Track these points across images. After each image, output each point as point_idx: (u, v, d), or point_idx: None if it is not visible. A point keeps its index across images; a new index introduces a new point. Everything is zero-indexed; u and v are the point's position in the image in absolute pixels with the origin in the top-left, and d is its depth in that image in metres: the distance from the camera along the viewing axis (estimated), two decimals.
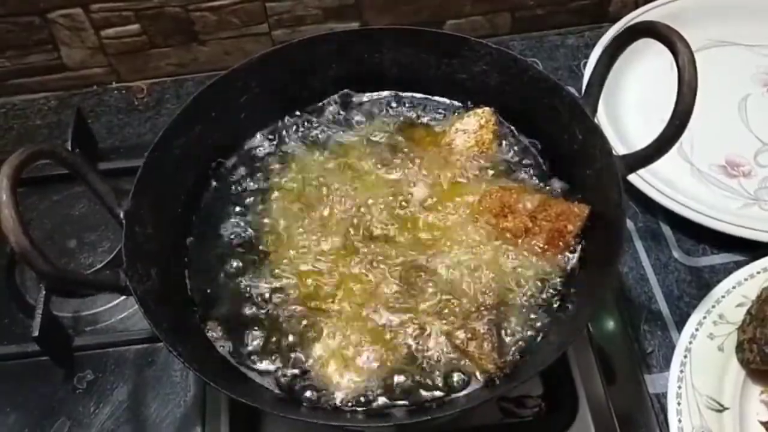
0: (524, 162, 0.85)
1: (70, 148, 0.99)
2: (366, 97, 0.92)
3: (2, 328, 0.94)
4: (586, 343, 0.86)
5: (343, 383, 0.71)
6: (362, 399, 0.70)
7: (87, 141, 1.07)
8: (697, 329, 0.86)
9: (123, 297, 0.96)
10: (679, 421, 0.80)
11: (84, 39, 1.14)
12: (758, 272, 0.89)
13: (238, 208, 0.84)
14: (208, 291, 0.78)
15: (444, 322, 0.73)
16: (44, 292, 0.86)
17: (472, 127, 0.86)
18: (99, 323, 0.95)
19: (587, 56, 1.18)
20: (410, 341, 0.72)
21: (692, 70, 0.67)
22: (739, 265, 0.92)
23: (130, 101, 1.21)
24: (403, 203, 0.82)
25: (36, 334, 0.83)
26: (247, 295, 0.77)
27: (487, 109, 0.87)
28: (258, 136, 0.89)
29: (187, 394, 0.88)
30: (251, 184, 0.86)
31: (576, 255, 0.77)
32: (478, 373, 0.70)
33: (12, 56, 1.15)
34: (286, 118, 0.90)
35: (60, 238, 1.00)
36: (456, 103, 0.91)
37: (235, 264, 0.79)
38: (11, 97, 1.21)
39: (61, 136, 1.10)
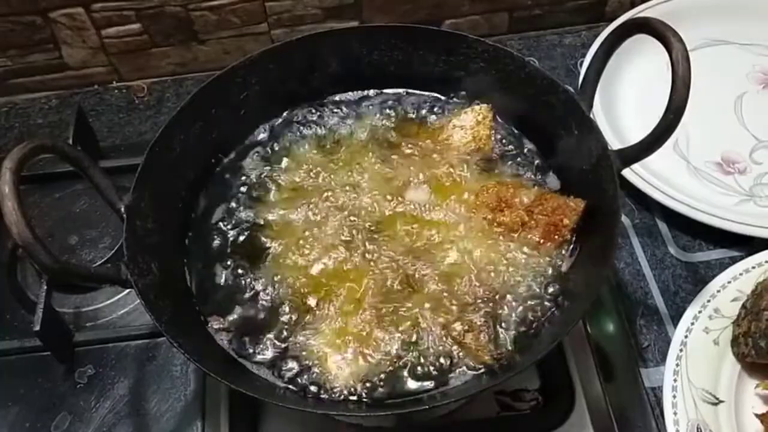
0: (521, 157, 0.86)
1: None
2: (364, 93, 0.93)
3: (4, 324, 0.95)
4: (583, 337, 0.87)
5: (342, 375, 0.71)
6: (361, 390, 0.71)
7: (88, 139, 1.08)
8: (692, 323, 0.87)
9: (123, 293, 0.96)
10: (675, 414, 0.81)
11: (85, 38, 1.15)
12: (753, 267, 0.90)
13: (237, 204, 0.84)
14: (209, 285, 0.79)
15: (441, 314, 0.74)
16: (45, 288, 0.86)
17: (469, 123, 0.87)
18: (100, 319, 0.96)
19: (584, 55, 1.18)
20: (407, 333, 0.73)
21: (686, 65, 0.68)
22: (734, 261, 0.93)
23: (131, 100, 1.22)
24: (401, 198, 0.83)
25: (37, 328, 0.84)
26: (246, 288, 0.78)
27: (484, 105, 0.88)
28: (257, 132, 0.90)
29: (187, 389, 0.89)
30: (251, 179, 0.86)
31: (572, 248, 0.78)
32: (474, 365, 0.71)
33: (13, 55, 1.16)
34: (286, 114, 0.91)
35: (61, 235, 1.01)
36: (453, 99, 0.92)
37: (235, 258, 0.80)
38: (13, 96, 1.22)
39: (63, 135, 1.11)
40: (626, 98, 1.13)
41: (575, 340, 0.87)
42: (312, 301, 0.76)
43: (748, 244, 0.96)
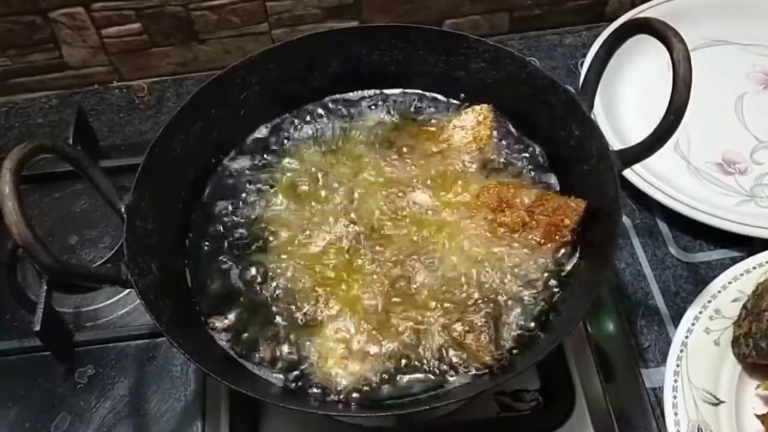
0: (521, 158, 0.86)
1: None
2: (364, 93, 0.93)
3: (4, 324, 0.95)
4: (584, 338, 0.87)
5: (342, 376, 0.71)
6: (361, 391, 0.70)
7: (88, 139, 1.08)
8: (693, 324, 0.87)
9: (123, 293, 0.96)
10: (675, 414, 0.81)
11: (85, 38, 1.15)
12: (754, 268, 0.90)
13: (238, 203, 0.84)
14: (209, 285, 0.79)
15: (442, 314, 0.74)
16: (45, 288, 0.86)
17: (469, 124, 0.87)
18: (100, 319, 0.96)
19: (585, 55, 1.18)
20: (408, 334, 0.73)
21: (687, 65, 0.68)
22: (735, 261, 0.93)
23: (131, 100, 1.22)
24: (401, 198, 0.83)
25: (37, 329, 0.83)
26: (247, 288, 0.78)
27: (484, 105, 0.88)
28: (258, 132, 0.90)
29: (188, 389, 0.89)
30: (251, 179, 0.86)
31: (572, 249, 0.78)
32: (475, 365, 0.71)
33: (14, 55, 1.16)
34: (286, 114, 0.91)
35: (61, 235, 1.00)
36: (454, 100, 0.92)
37: (235, 258, 0.80)
38: (13, 95, 1.22)
39: (63, 135, 1.10)
40: (627, 98, 1.12)
41: (575, 340, 0.87)
42: (312, 302, 0.76)
43: (748, 245, 0.96)
